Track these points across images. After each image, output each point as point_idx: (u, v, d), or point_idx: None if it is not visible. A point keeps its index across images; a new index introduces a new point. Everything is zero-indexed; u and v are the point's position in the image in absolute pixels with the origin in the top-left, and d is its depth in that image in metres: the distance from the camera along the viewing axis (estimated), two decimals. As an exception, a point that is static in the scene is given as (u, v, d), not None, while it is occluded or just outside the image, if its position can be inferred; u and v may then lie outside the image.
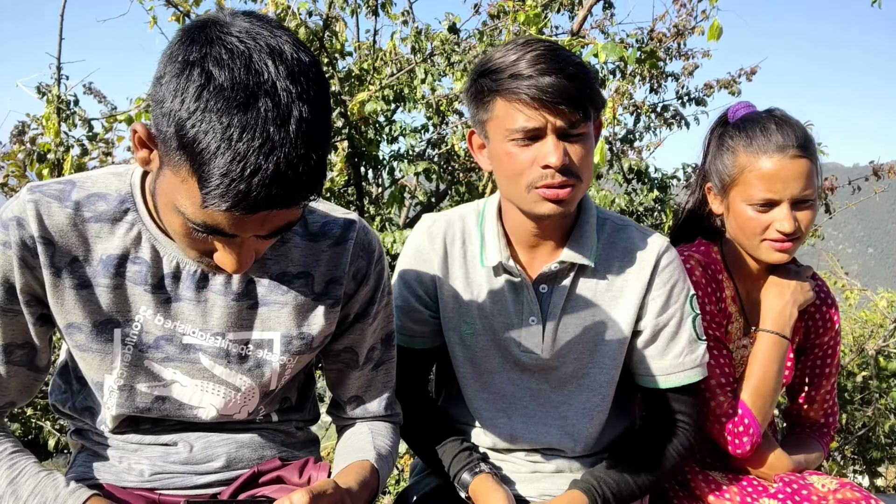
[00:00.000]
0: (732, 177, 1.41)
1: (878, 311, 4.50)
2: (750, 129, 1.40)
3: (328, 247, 1.11)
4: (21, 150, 2.73)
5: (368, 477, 1.10)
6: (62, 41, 2.84)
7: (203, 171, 0.79)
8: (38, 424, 3.56)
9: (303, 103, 0.80)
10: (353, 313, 1.17)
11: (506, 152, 1.19)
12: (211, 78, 0.78)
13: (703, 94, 4.33)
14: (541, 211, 1.20)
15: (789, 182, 1.34)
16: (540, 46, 1.17)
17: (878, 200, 3.98)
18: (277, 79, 0.79)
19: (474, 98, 1.23)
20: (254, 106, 0.78)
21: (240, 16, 0.85)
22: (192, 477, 1.13)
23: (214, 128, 0.77)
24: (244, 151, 0.77)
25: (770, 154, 1.35)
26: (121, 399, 1.08)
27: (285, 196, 0.81)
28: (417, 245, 1.36)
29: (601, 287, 1.31)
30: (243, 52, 0.79)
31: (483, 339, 1.34)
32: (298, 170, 0.80)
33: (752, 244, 1.42)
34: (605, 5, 4.07)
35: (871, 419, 3.87)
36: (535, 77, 1.13)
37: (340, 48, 3.22)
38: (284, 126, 0.79)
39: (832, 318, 1.58)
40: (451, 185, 3.52)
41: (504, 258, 1.29)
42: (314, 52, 1.22)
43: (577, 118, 1.15)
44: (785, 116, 1.41)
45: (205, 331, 1.07)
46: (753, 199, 1.37)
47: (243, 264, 0.92)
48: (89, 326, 1.03)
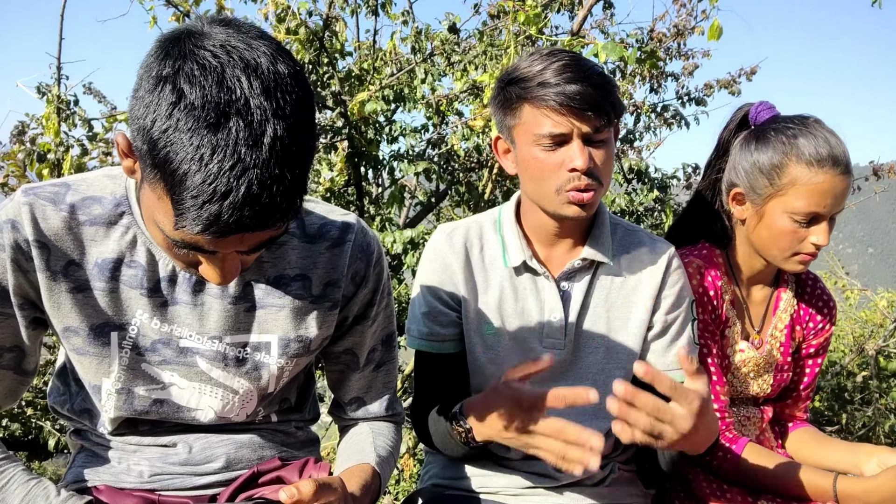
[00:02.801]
0: (779, 186, 1.36)
1: (878, 311, 4.50)
2: (802, 139, 1.35)
3: (326, 249, 1.10)
4: (21, 150, 2.73)
5: (370, 480, 1.11)
6: (62, 41, 2.83)
7: (175, 193, 0.77)
8: (38, 424, 3.56)
9: (278, 120, 0.77)
10: (353, 315, 1.16)
11: (533, 157, 1.25)
12: (182, 96, 0.75)
13: (703, 94, 4.33)
14: (566, 213, 1.27)
15: (839, 198, 1.34)
16: (565, 56, 1.24)
17: (878, 200, 3.98)
18: (251, 96, 0.76)
19: (502, 105, 1.30)
20: (225, 125, 0.75)
21: (217, 25, 0.82)
22: (192, 478, 1.13)
23: (185, 148, 0.75)
24: (215, 173, 0.75)
25: (826, 170, 1.32)
26: (118, 402, 1.08)
27: (258, 219, 0.79)
28: (437, 251, 1.39)
29: (616, 284, 1.37)
30: (216, 68, 0.76)
31: (505, 339, 1.36)
32: (272, 191, 0.77)
33: (781, 255, 1.40)
34: (605, 5, 4.07)
35: (871, 419, 3.88)
36: (561, 85, 1.20)
37: (340, 48, 3.21)
38: (257, 146, 0.76)
39: (830, 320, 1.59)
40: (451, 185, 3.52)
41: (527, 257, 1.35)
42: (316, 52, 1.21)
43: (601, 124, 1.22)
44: (829, 129, 1.37)
45: (202, 334, 1.07)
46: (800, 211, 1.34)
47: (228, 277, 0.90)
48: (86, 330, 1.03)
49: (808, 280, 1.60)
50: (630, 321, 1.36)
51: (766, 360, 1.53)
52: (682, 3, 4.06)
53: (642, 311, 1.36)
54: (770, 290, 1.56)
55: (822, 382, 4.02)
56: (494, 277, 1.37)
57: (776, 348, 1.54)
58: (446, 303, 1.37)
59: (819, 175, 1.32)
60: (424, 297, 1.37)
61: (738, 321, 1.51)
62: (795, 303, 1.57)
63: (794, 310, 1.57)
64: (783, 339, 1.55)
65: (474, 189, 3.38)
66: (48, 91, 2.88)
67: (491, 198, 3.41)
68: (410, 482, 3.94)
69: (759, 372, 1.53)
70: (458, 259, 1.37)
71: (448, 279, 1.36)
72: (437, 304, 1.36)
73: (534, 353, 1.36)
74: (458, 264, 1.36)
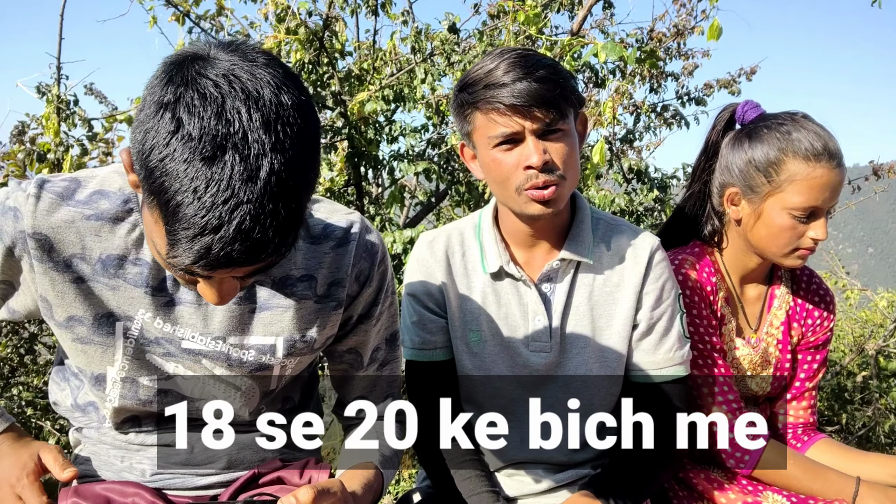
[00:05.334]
0: (777, 183, 1.36)
1: (878, 311, 4.50)
2: (797, 134, 1.36)
3: (331, 248, 1.10)
4: (21, 150, 2.72)
5: (372, 480, 1.10)
6: (62, 41, 2.83)
7: (168, 222, 0.77)
8: (38, 424, 3.56)
9: (276, 154, 0.76)
10: (357, 315, 1.16)
11: (492, 159, 1.24)
12: (181, 125, 0.75)
13: (703, 94, 4.32)
14: (531, 212, 1.25)
15: (835, 192, 1.35)
16: (512, 55, 1.21)
17: (878, 200, 3.98)
18: (249, 129, 0.75)
19: (457, 113, 1.29)
20: (220, 159, 0.74)
21: (224, 51, 0.81)
22: (194, 478, 1.14)
23: (180, 179, 0.74)
24: (208, 206, 0.74)
25: (823, 163, 1.33)
26: (124, 391, 1.08)
27: (249, 253, 0.78)
28: (420, 260, 1.38)
29: (599, 282, 1.35)
30: (216, 98, 0.75)
31: (490, 345, 1.35)
32: (265, 226, 0.76)
33: (780, 252, 1.40)
34: (604, 5, 4.06)
35: (871, 419, 3.87)
36: (508, 85, 1.18)
37: (340, 48, 3.21)
38: (252, 181, 0.74)
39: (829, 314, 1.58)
40: (451, 185, 3.52)
41: (504, 262, 1.33)
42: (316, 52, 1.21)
43: (553, 117, 1.19)
44: (819, 123, 1.39)
45: (205, 335, 1.07)
46: (799, 206, 1.35)
47: (225, 298, 0.90)
48: (90, 319, 1.03)
49: (804, 276, 1.59)
50: (614, 319, 1.34)
51: (763, 358, 1.53)
52: (682, 2, 4.06)
53: (626, 308, 1.33)
54: (764, 287, 1.56)
55: (822, 382, 4.01)
56: (476, 284, 1.36)
57: (773, 345, 1.54)
58: (433, 310, 1.36)
59: (817, 169, 1.33)
60: (413, 306, 1.37)
61: (732, 319, 1.51)
62: (791, 299, 1.57)
63: (790, 306, 1.56)
64: (780, 335, 1.54)
65: (474, 189, 3.38)
66: (48, 91, 2.88)
67: (491, 198, 3.41)
68: (410, 482, 3.94)
69: (757, 370, 1.53)
70: (440, 267, 1.36)
71: (433, 287, 1.35)
72: (425, 313, 1.36)
73: (521, 357, 1.35)
74: (440, 272, 1.35)
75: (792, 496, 1.37)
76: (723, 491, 1.42)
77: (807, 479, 1.37)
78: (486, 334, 1.35)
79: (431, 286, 1.36)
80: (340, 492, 0.94)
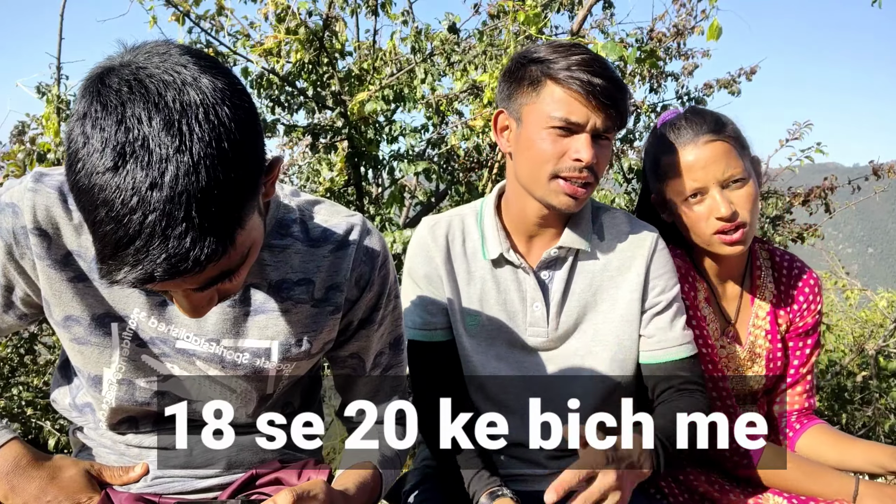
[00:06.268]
0: (662, 181, 1.44)
1: (878, 311, 4.50)
2: (665, 133, 1.44)
3: (329, 252, 1.08)
4: (21, 150, 2.73)
5: (369, 479, 1.09)
6: (62, 41, 2.84)
7: (93, 237, 0.75)
8: (38, 424, 3.56)
9: (181, 156, 0.71)
10: (357, 319, 1.14)
11: (540, 138, 1.26)
12: (87, 139, 0.72)
13: (703, 94, 4.32)
14: (556, 202, 1.28)
15: (709, 166, 1.38)
16: (586, 50, 1.26)
17: (878, 200, 3.98)
18: (150, 135, 0.71)
19: (519, 80, 1.30)
20: (123, 168, 0.71)
21: (136, 55, 0.78)
22: (193, 481, 1.13)
23: (92, 192, 0.72)
24: (118, 218, 0.71)
25: (684, 146, 1.40)
26: (120, 392, 1.08)
27: (170, 264, 0.73)
28: (421, 244, 1.40)
29: (599, 267, 1.38)
30: (116, 107, 0.72)
31: (489, 330, 1.38)
32: (180, 234, 0.72)
33: (704, 241, 1.43)
34: (604, 5, 4.06)
35: (871, 419, 3.87)
36: (588, 75, 1.21)
37: (340, 48, 3.21)
38: (156, 187, 0.71)
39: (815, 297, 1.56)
40: (451, 185, 3.52)
41: (504, 249, 1.36)
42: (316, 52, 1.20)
43: (612, 123, 1.24)
44: (695, 109, 1.47)
45: (199, 336, 1.06)
46: (684, 193, 1.40)
47: (199, 311, 0.88)
48: (87, 319, 1.03)
49: (784, 262, 1.58)
50: (618, 302, 1.38)
51: (751, 353, 1.53)
52: (682, 2, 4.06)
53: (630, 290, 1.37)
54: (743, 280, 1.55)
55: (822, 382, 4.02)
56: (476, 270, 1.39)
57: (761, 337, 1.54)
58: (432, 293, 1.39)
59: (682, 154, 1.40)
60: (412, 288, 1.40)
61: (715, 318, 1.51)
62: (773, 287, 1.56)
63: (774, 295, 1.55)
64: (767, 325, 1.54)
65: (474, 189, 3.38)
66: (48, 91, 2.88)
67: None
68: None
69: (746, 365, 1.53)
70: (440, 252, 1.38)
71: (433, 271, 1.38)
72: (426, 294, 1.38)
73: (519, 342, 1.38)
74: (440, 257, 1.38)
75: (793, 497, 1.37)
76: (724, 493, 1.42)
77: (807, 480, 1.37)
78: (485, 320, 1.38)
79: (430, 270, 1.38)
80: (323, 493, 0.92)
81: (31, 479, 0.95)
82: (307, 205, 1.12)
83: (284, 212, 1.08)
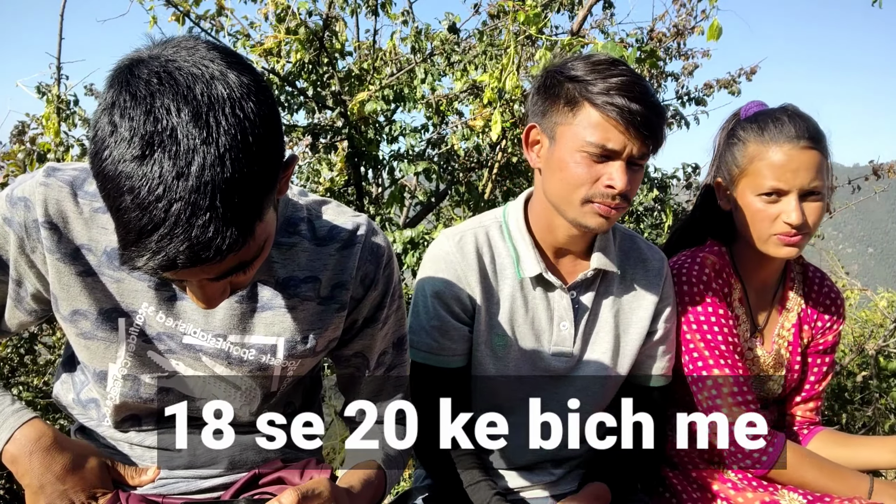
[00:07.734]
0: (742, 167, 1.40)
1: (878, 311, 4.50)
2: (761, 122, 1.40)
3: (336, 250, 1.09)
4: (21, 150, 2.73)
5: (373, 477, 1.10)
6: (62, 41, 2.83)
7: (116, 225, 0.77)
8: (38, 424, 3.55)
9: (208, 148, 0.73)
10: (362, 318, 1.15)
11: (574, 160, 1.21)
12: (115, 128, 0.74)
13: (703, 94, 4.32)
14: (589, 223, 1.24)
15: (799, 172, 1.34)
16: (626, 70, 1.20)
17: (878, 200, 3.98)
18: (178, 125, 0.73)
19: (555, 98, 1.24)
20: (151, 157, 0.72)
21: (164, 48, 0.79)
22: (197, 481, 1.13)
23: (118, 180, 0.74)
24: (143, 206, 0.73)
25: (780, 143, 1.35)
26: (125, 388, 1.08)
27: (192, 252, 0.75)
28: (449, 262, 1.34)
29: (621, 289, 1.40)
30: (145, 98, 0.74)
31: (514, 349, 1.36)
32: (204, 223, 0.74)
33: (760, 238, 1.41)
34: (604, 5, 4.06)
35: (871, 419, 3.87)
36: (627, 101, 1.16)
37: (340, 48, 3.21)
38: (183, 177, 0.72)
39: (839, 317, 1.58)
40: (451, 185, 3.52)
41: (543, 269, 1.33)
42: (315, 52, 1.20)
43: (648, 150, 1.21)
44: (797, 110, 1.42)
45: (206, 331, 1.07)
46: (762, 188, 1.36)
47: (212, 302, 0.89)
48: (95, 314, 1.03)
49: (816, 278, 1.59)
50: (632, 326, 1.40)
51: (776, 359, 1.53)
52: (682, 2, 4.06)
53: (643, 317, 1.40)
54: (776, 289, 1.56)
55: (823, 382, 4.01)
56: (505, 287, 1.35)
57: (784, 347, 1.54)
58: (458, 316, 1.34)
59: (774, 149, 1.36)
60: (435, 311, 1.33)
61: (746, 319, 1.51)
62: (803, 302, 1.57)
63: (802, 308, 1.56)
64: (791, 337, 1.55)
65: (474, 189, 3.38)
66: (48, 91, 2.88)
67: (491, 198, 3.42)
68: (410, 482, 3.94)
69: (771, 371, 1.53)
70: (473, 269, 1.33)
71: (462, 291, 1.33)
72: (450, 319, 1.33)
73: (543, 361, 1.36)
74: (473, 275, 1.33)
75: (808, 494, 1.37)
76: (739, 491, 1.42)
77: (823, 478, 1.37)
78: (511, 338, 1.35)
79: (460, 290, 1.33)
80: (328, 491, 0.92)
81: (53, 462, 0.94)
82: (315, 204, 1.13)
83: (293, 210, 1.09)
